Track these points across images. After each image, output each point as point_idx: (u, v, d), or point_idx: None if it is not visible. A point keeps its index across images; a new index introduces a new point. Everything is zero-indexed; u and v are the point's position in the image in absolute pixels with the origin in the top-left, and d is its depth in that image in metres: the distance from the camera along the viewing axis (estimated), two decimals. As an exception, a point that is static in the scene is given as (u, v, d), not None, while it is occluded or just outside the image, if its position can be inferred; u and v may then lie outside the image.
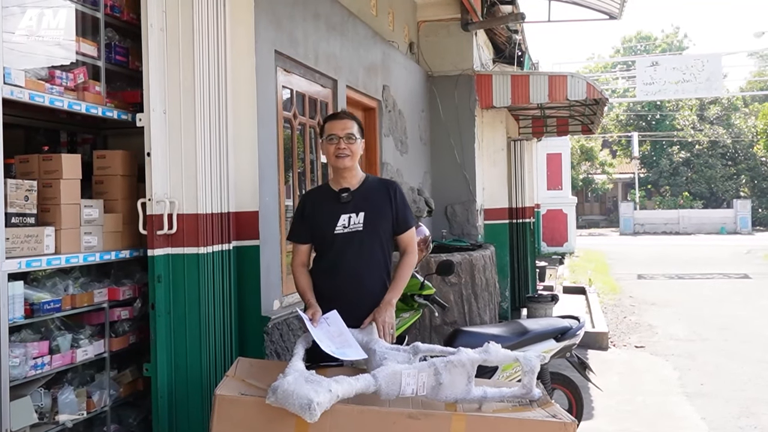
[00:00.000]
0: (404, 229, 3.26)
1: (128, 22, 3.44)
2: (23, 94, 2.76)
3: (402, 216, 3.24)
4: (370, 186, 3.24)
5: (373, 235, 3.16)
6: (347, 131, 3.15)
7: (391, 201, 3.21)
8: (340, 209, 3.16)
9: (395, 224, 3.23)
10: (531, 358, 2.67)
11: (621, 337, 8.57)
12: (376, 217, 3.16)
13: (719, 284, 13.56)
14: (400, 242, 3.29)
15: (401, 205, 3.24)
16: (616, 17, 8.39)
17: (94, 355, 3.21)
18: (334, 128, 3.17)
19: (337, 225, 3.14)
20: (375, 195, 3.21)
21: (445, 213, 7.94)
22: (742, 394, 6.01)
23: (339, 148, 3.13)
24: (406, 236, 3.28)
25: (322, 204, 3.22)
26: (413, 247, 3.31)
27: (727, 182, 37.43)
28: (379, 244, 3.19)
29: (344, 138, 3.13)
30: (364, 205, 3.17)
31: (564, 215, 19.32)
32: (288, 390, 2.32)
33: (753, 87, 38.68)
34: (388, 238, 3.25)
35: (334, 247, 3.16)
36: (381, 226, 3.18)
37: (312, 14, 4.77)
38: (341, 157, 3.14)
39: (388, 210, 3.20)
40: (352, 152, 3.16)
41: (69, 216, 3.06)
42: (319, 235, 3.21)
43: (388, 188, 3.25)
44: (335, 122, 3.19)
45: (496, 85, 8.00)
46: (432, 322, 5.62)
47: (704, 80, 23.41)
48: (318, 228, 3.20)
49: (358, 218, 3.14)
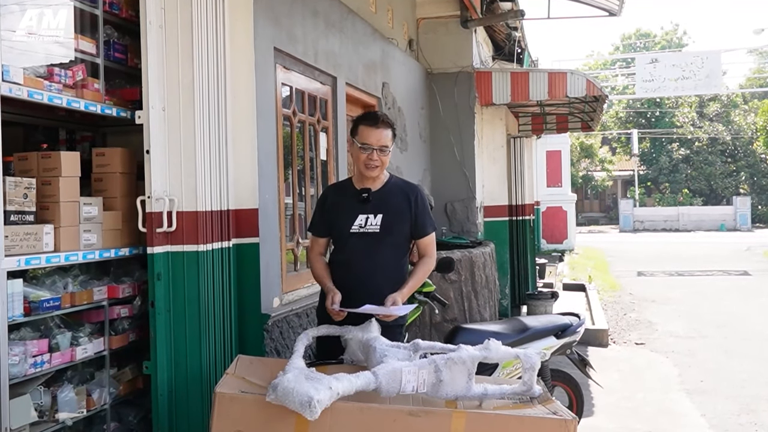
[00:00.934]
0: (422, 234, 3.23)
1: (127, 20, 3.43)
2: (22, 92, 2.75)
3: (421, 221, 3.20)
4: (392, 188, 3.21)
5: (387, 238, 3.13)
6: (382, 143, 3.09)
7: (411, 206, 3.18)
8: (358, 208, 3.14)
9: (413, 229, 3.20)
10: (531, 355, 2.66)
11: (621, 334, 8.58)
12: (393, 220, 3.13)
13: (719, 281, 13.56)
14: (419, 246, 3.27)
15: (421, 211, 3.20)
16: (615, 14, 8.36)
17: (93, 353, 3.21)
18: (369, 137, 3.08)
19: (353, 224, 3.12)
20: (395, 198, 3.17)
21: (444, 210, 7.93)
22: (742, 391, 6.01)
23: (371, 159, 3.09)
24: (425, 241, 3.25)
25: (342, 200, 3.21)
26: (432, 251, 3.27)
27: (726, 179, 37.46)
28: (392, 248, 3.17)
29: (378, 149, 3.09)
30: (383, 207, 3.14)
31: (564, 212, 19.32)
32: (288, 387, 2.31)
33: (752, 84, 38.71)
34: (403, 242, 3.23)
35: (348, 245, 3.15)
36: (397, 229, 3.16)
37: (311, 11, 4.75)
38: (371, 168, 3.11)
39: (407, 214, 3.17)
40: (383, 163, 3.13)
41: (68, 214, 3.05)
42: (336, 231, 3.20)
43: (408, 193, 3.21)
44: (372, 131, 3.09)
45: (496, 83, 7.99)
46: (432, 319, 5.62)
47: (704, 77, 23.40)
48: (335, 223, 3.20)
49: (376, 220, 3.12)
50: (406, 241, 3.24)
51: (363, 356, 2.90)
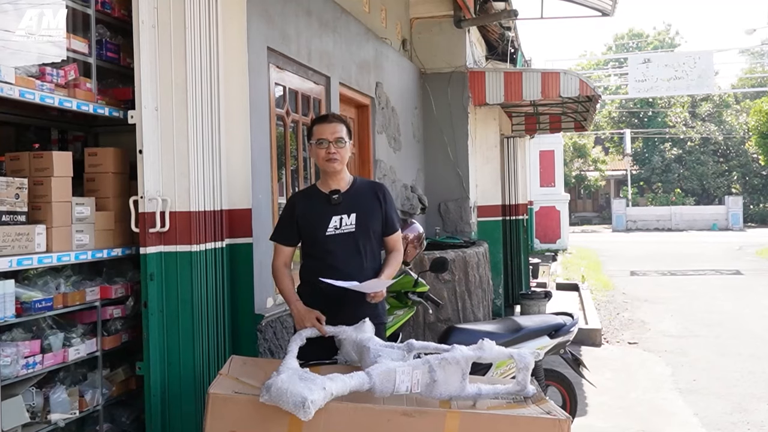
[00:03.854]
0: (392, 231, 3.33)
1: (119, 19, 3.41)
2: (13, 91, 2.73)
3: (390, 218, 3.30)
4: (360, 188, 3.28)
5: (365, 235, 3.20)
6: (336, 135, 3.16)
7: (381, 203, 3.26)
8: (331, 211, 3.18)
9: (384, 226, 3.28)
10: (525, 355, 2.67)
11: (614, 334, 8.60)
12: (367, 217, 3.21)
13: (711, 280, 13.62)
14: (388, 243, 3.35)
15: (390, 208, 3.30)
16: (608, 14, 8.39)
17: (86, 354, 3.19)
18: (323, 132, 3.17)
19: (328, 226, 3.17)
20: (365, 197, 3.25)
21: (438, 210, 7.94)
22: (735, 389, 6.04)
23: (329, 153, 3.15)
24: (393, 238, 3.35)
25: (312, 206, 3.23)
26: (400, 246, 3.40)
27: (718, 179, 37.62)
28: (370, 244, 3.24)
29: (334, 142, 3.15)
30: (355, 206, 3.20)
31: (557, 212, 19.39)
32: (282, 388, 2.31)
33: (744, 84, 38.89)
34: (378, 238, 3.30)
35: (326, 248, 3.18)
36: (372, 226, 3.23)
37: (304, 11, 4.75)
38: (331, 161, 3.16)
39: (378, 211, 3.25)
40: (342, 156, 3.18)
41: (60, 214, 3.03)
42: (310, 237, 3.22)
43: (376, 191, 3.30)
44: (324, 125, 3.19)
45: (489, 82, 8.00)
46: (426, 320, 5.63)
47: (696, 77, 23.47)
48: (309, 229, 3.21)
49: (350, 219, 3.17)
50: (379, 238, 3.30)
51: (357, 356, 2.90)
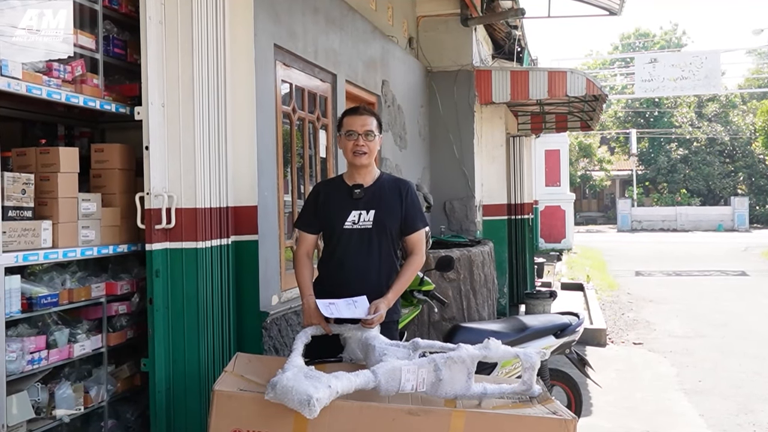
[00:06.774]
0: (411, 230, 3.22)
1: (126, 15, 3.41)
2: (20, 87, 2.74)
3: (410, 217, 3.20)
4: (384, 184, 3.22)
5: (381, 233, 3.15)
6: (366, 128, 3.14)
7: (402, 201, 3.19)
8: (351, 205, 3.15)
9: (403, 224, 3.20)
10: (531, 354, 2.66)
11: (619, 334, 8.58)
12: (385, 216, 3.15)
13: (716, 281, 13.57)
14: (407, 243, 3.25)
15: (411, 206, 3.21)
16: (616, 13, 8.35)
17: (91, 350, 3.19)
18: (353, 124, 3.15)
19: (346, 220, 3.13)
20: (387, 194, 3.19)
21: (443, 209, 7.92)
22: (740, 390, 6.01)
23: (357, 145, 3.12)
24: (413, 237, 3.23)
25: (335, 197, 3.21)
26: (420, 248, 3.25)
27: (724, 179, 37.48)
28: (386, 243, 3.18)
29: (363, 135, 3.13)
30: (375, 203, 3.15)
31: (562, 212, 19.36)
32: (287, 386, 2.30)
33: (751, 84, 38.72)
34: (396, 237, 3.23)
35: (342, 241, 3.15)
36: (390, 225, 3.16)
37: (311, 8, 4.74)
38: (359, 154, 3.13)
39: (398, 210, 3.18)
40: (370, 149, 3.15)
41: (66, 210, 3.04)
42: (329, 228, 3.20)
43: (400, 188, 3.23)
44: (355, 118, 3.17)
45: (496, 81, 7.98)
46: (431, 318, 5.61)
47: (702, 77, 23.36)
48: (328, 220, 3.19)
49: (369, 216, 3.13)
50: (398, 236, 3.24)
51: (362, 355, 2.89)
